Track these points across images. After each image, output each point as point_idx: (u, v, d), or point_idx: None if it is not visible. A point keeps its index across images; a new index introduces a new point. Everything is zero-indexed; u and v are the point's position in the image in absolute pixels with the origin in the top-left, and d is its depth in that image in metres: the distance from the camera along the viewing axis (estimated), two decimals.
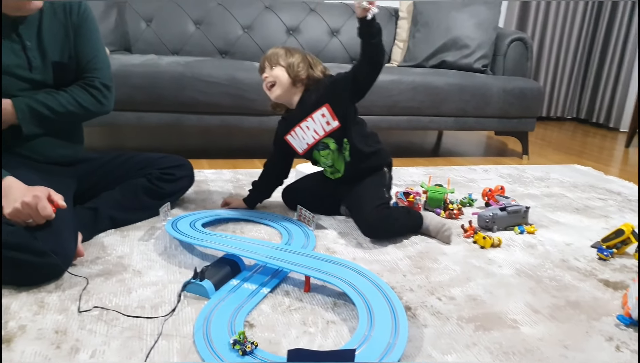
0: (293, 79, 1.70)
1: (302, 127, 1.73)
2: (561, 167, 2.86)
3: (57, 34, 1.46)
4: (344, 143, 1.73)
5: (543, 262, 1.57)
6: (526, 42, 3.07)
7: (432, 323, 1.20)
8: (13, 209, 1.20)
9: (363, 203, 1.70)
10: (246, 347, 1.03)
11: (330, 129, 1.71)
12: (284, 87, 1.71)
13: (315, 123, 1.71)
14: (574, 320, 1.25)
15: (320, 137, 1.73)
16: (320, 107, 1.69)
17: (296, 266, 1.32)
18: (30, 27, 1.41)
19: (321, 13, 3.22)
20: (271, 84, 1.71)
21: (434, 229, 1.71)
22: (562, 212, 2.06)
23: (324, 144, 1.74)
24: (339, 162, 1.77)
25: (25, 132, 1.43)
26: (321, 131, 1.72)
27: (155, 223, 1.68)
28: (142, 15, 2.93)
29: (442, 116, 2.83)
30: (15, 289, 1.23)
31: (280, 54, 1.71)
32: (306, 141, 1.75)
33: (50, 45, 1.45)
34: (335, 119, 1.69)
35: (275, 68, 1.70)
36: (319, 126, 1.71)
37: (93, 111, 1.55)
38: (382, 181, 1.78)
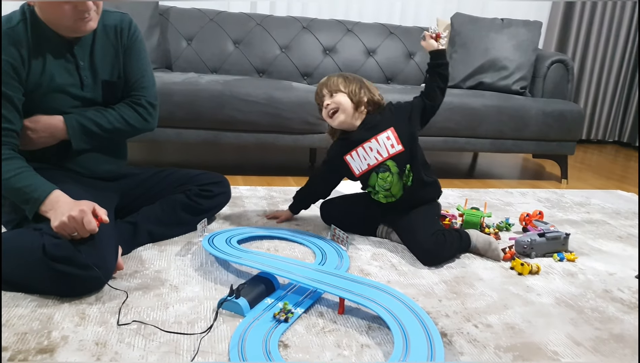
0: (356, 104, 1.74)
1: (364, 148, 1.74)
2: (602, 192, 2.79)
3: (108, 53, 1.52)
4: (407, 168, 1.74)
5: (584, 292, 1.53)
6: (567, 64, 3.03)
7: (469, 351, 1.18)
8: (60, 223, 1.24)
9: (418, 230, 1.70)
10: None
11: (395, 152, 1.72)
12: (348, 112, 1.73)
13: (380, 145, 1.73)
14: (617, 354, 1.21)
15: (383, 159, 1.73)
16: (385, 130, 1.72)
17: (331, 287, 1.32)
18: (83, 47, 1.47)
19: (358, 33, 3.24)
20: (333, 111, 1.73)
21: (482, 248, 1.72)
22: (604, 240, 2.00)
23: (386, 167, 1.74)
24: (397, 186, 1.76)
25: (74, 147, 1.48)
26: (385, 153, 1.73)
27: (192, 239, 1.71)
28: (183, 34, 3.00)
29: (478, 138, 2.80)
30: (58, 300, 1.26)
31: (339, 81, 1.75)
32: (367, 161, 1.75)
33: (101, 64, 1.50)
34: (399, 143, 1.72)
35: (337, 95, 1.74)
36: (383, 148, 1.73)
37: (139, 128, 1.60)
38: (434, 211, 1.82)
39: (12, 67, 1.33)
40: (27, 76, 1.37)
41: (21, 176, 1.31)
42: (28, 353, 1.05)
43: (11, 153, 1.34)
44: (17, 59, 1.34)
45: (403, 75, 3.28)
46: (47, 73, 1.40)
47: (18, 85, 1.35)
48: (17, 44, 1.34)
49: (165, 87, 2.34)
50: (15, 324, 1.15)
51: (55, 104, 1.44)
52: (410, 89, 2.78)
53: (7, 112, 1.34)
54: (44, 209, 1.29)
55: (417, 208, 1.77)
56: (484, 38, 3.03)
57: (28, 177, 1.32)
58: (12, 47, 1.33)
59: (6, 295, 1.27)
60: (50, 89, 1.41)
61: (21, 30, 1.36)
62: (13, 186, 1.31)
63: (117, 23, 1.52)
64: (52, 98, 1.43)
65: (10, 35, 1.34)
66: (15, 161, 1.34)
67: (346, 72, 1.85)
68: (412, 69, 3.29)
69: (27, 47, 1.36)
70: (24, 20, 1.36)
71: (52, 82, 1.41)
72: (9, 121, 1.34)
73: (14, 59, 1.34)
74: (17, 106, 1.36)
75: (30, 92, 1.39)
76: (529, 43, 3.03)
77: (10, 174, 1.31)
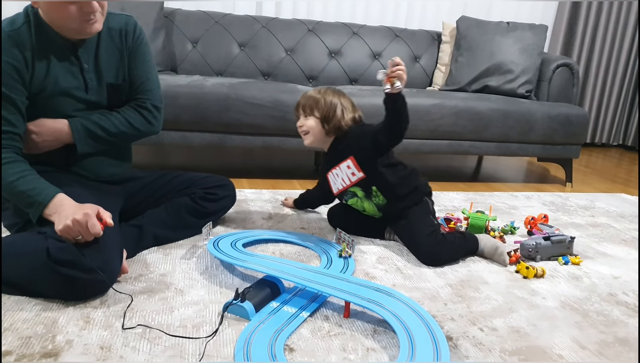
0: (326, 131, 1.78)
1: (333, 173, 1.82)
2: (607, 196, 2.78)
3: (113, 56, 1.52)
4: (373, 190, 1.77)
5: (589, 295, 1.52)
6: (572, 68, 3.03)
7: (474, 354, 1.17)
8: (64, 226, 1.24)
9: (414, 232, 1.73)
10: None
11: (356, 179, 1.76)
12: (317, 137, 1.80)
13: (342, 173, 1.79)
14: (623, 357, 1.20)
15: (346, 186, 1.80)
16: (345, 159, 1.76)
17: (336, 290, 1.32)
18: (88, 50, 1.47)
19: (363, 36, 3.24)
20: (305, 132, 1.80)
21: (488, 252, 1.73)
22: (609, 243, 2.00)
23: (352, 193, 1.81)
24: (371, 207, 1.81)
25: (79, 151, 1.48)
26: (347, 181, 1.78)
27: (197, 242, 1.71)
28: (188, 37, 3.00)
29: (484, 141, 2.79)
30: (63, 304, 1.26)
31: (315, 103, 1.77)
32: (336, 186, 1.83)
33: (106, 67, 1.51)
34: (360, 171, 1.75)
35: (309, 118, 1.78)
36: (345, 176, 1.78)
37: (143, 132, 1.60)
38: (426, 210, 1.81)
39: (15, 70, 1.33)
40: (31, 78, 1.37)
41: (25, 180, 1.31)
42: (32, 358, 1.05)
43: (14, 156, 1.34)
44: (20, 62, 1.33)
45: (409, 78, 3.18)
46: (51, 76, 1.40)
47: (21, 88, 1.35)
48: (21, 46, 1.34)
49: (171, 90, 2.34)
50: (19, 328, 1.15)
51: (60, 107, 1.44)
52: (415, 92, 2.78)
53: (9, 115, 1.33)
54: (47, 213, 1.29)
55: (408, 213, 1.77)
56: (489, 41, 3.03)
57: (31, 180, 1.32)
58: (15, 50, 1.33)
59: (10, 298, 1.27)
60: (54, 92, 1.41)
61: (25, 33, 1.35)
62: (16, 189, 1.31)
63: (122, 26, 1.52)
64: (57, 101, 1.42)
65: (14, 37, 1.33)
66: (18, 164, 1.33)
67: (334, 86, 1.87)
68: (418, 72, 3.29)
69: (31, 49, 1.35)
70: (28, 23, 1.36)
71: (57, 86, 1.41)
72: (11, 124, 1.34)
73: (18, 61, 1.33)
74: (20, 108, 1.35)
75: (34, 95, 1.38)
76: (535, 47, 3.02)
77: (13, 177, 1.31)
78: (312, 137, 1.79)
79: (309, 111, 1.78)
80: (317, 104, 1.77)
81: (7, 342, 1.10)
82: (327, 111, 1.76)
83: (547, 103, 2.93)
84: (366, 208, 1.81)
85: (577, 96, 3.10)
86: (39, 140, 1.43)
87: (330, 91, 1.81)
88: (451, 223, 1.92)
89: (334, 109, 1.76)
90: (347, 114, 1.78)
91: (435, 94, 2.78)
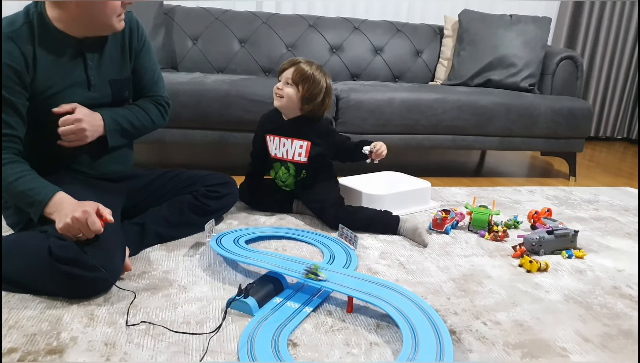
0: (299, 108, 1.89)
1: (279, 140, 1.93)
2: (611, 189, 2.77)
3: (117, 52, 1.52)
4: (302, 173, 1.95)
5: (593, 288, 1.52)
6: (576, 61, 3.01)
7: (478, 348, 1.17)
8: (64, 224, 1.24)
9: (322, 199, 1.89)
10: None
11: (298, 161, 1.94)
12: (287, 107, 1.90)
13: (292, 148, 1.92)
14: (627, 350, 1.20)
15: (285, 159, 1.95)
16: (303, 139, 1.90)
17: (339, 286, 1.32)
18: (93, 47, 1.46)
19: (365, 31, 3.23)
20: (280, 96, 1.88)
21: (408, 231, 1.84)
22: (613, 237, 1.99)
23: (287, 166, 1.96)
24: (291, 181, 1.98)
25: (110, 144, 1.51)
26: (290, 156, 1.94)
27: (200, 239, 1.71)
28: (188, 34, 3.00)
29: (487, 136, 2.78)
30: (67, 301, 1.26)
31: (305, 79, 1.85)
32: (276, 152, 1.96)
33: (110, 63, 1.51)
34: (306, 156, 1.91)
35: (291, 88, 1.85)
36: (292, 151, 1.93)
37: (158, 126, 1.67)
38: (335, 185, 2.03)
39: (14, 72, 1.31)
40: (33, 79, 1.35)
41: (24, 180, 1.31)
42: (37, 355, 1.06)
43: (13, 157, 1.33)
44: (20, 63, 1.32)
45: (411, 73, 3.27)
46: (55, 75, 1.39)
47: (21, 90, 1.33)
48: (22, 47, 1.32)
49: (171, 88, 2.32)
50: (24, 325, 1.16)
51: (62, 103, 1.42)
52: (418, 87, 2.77)
53: (8, 117, 1.32)
54: (48, 212, 1.29)
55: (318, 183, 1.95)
56: (492, 35, 3.02)
57: (30, 180, 1.32)
58: (15, 51, 1.31)
59: (15, 296, 1.27)
60: (58, 91, 1.41)
61: (25, 33, 1.34)
62: (16, 189, 1.31)
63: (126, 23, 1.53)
64: (60, 99, 1.41)
65: (14, 38, 1.31)
66: (17, 164, 1.33)
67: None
68: (420, 67, 3.28)
69: (32, 50, 1.34)
70: (29, 23, 1.35)
71: (61, 84, 1.41)
72: (10, 126, 1.33)
73: (17, 63, 1.31)
74: (19, 111, 1.34)
75: (38, 95, 1.37)
76: (538, 40, 3.01)
77: (12, 178, 1.30)
78: (284, 104, 1.88)
79: (295, 82, 1.85)
80: (306, 80, 1.85)
81: (12, 339, 1.10)
82: (312, 92, 1.86)
83: (550, 97, 2.92)
84: (288, 182, 1.98)
85: (581, 89, 3.09)
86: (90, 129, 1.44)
87: (320, 70, 1.89)
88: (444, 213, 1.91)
89: (317, 93, 1.86)
90: (327, 101, 1.91)
91: (437, 89, 2.77)
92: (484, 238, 1.88)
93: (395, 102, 2.60)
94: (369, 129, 2.61)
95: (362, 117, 2.57)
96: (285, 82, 1.86)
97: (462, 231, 1.94)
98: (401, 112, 2.61)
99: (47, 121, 1.41)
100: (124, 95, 1.58)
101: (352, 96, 2.57)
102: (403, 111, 2.61)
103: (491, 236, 1.87)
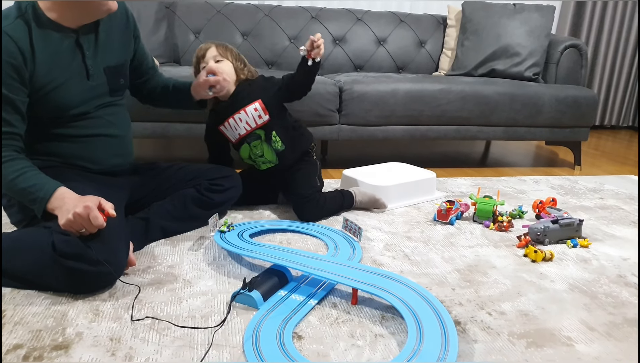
0: (238, 75, 1.89)
1: (235, 118, 1.88)
2: (616, 178, 2.76)
3: (110, 41, 1.52)
4: (273, 135, 1.90)
5: (598, 277, 1.51)
6: (581, 49, 2.99)
7: (483, 338, 1.17)
8: (66, 220, 1.25)
9: (299, 188, 1.89)
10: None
11: (262, 122, 1.88)
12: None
13: (248, 116, 1.87)
14: (632, 338, 1.20)
15: (252, 129, 1.89)
16: (252, 102, 1.86)
17: (343, 278, 1.32)
18: (89, 36, 1.46)
19: (368, 22, 3.22)
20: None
21: (367, 203, 1.98)
22: (618, 225, 1.98)
23: (256, 135, 1.90)
24: (269, 152, 1.92)
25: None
26: (253, 124, 1.88)
27: (204, 233, 1.71)
28: (190, 28, 2.99)
29: (491, 126, 2.77)
30: (72, 297, 1.27)
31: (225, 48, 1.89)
32: (238, 131, 1.90)
33: (107, 51, 1.51)
34: (266, 113, 1.87)
35: (223, 62, 1.87)
36: (251, 119, 1.87)
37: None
38: (314, 171, 2.00)
39: (12, 68, 1.29)
40: (32, 74, 1.33)
41: (25, 176, 1.31)
42: (43, 350, 1.06)
43: (13, 154, 1.33)
44: (17, 58, 1.29)
45: (414, 64, 3.25)
46: (54, 68, 1.38)
47: (20, 86, 1.31)
48: (18, 41, 1.29)
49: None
50: (29, 321, 1.16)
51: (64, 97, 1.42)
52: (421, 78, 2.75)
53: (7, 115, 1.31)
54: (50, 207, 1.29)
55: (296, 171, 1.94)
56: (495, 24, 3.00)
57: (32, 177, 1.32)
58: (11, 46, 1.28)
59: (20, 293, 1.28)
60: (59, 83, 1.39)
61: (20, 27, 1.30)
62: (17, 187, 1.31)
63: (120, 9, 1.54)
64: (61, 91, 1.41)
65: (9, 33, 1.28)
66: (18, 161, 1.33)
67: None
68: (424, 57, 3.26)
69: (29, 43, 1.31)
70: (22, 16, 1.32)
71: (61, 77, 1.40)
72: (10, 124, 1.32)
73: (14, 58, 1.28)
74: (19, 108, 1.33)
75: (39, 90, 1.36)
76: (542, 28, 2.98)
77: (13, 175, 1.30)
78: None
79: (222, 54, 1.87)
80: (228, 49, 1.89)
81: (17, 335, 1.11)
82: (238, 55, 1.91)
83: (555, 86, 2.90)
84: (265, 152, 1.91)
85: (585, 77, 3.06)
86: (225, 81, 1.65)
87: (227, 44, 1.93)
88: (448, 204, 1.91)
89: (238, 54, 1.92)
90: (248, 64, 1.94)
91: (441, 79, 2.76)
92: (489, 228, 1.88)
93: (399, 94, 2.59)
94: (373, 121, 2.60)
95: (365, 108, 2.57)
96: (215, 62, 1.85)
97: (467, 222, 1.93)
98: (405, 103, 2.60)
99: (48, 116, 1.41)
100: (120, 83, 1.58)
101: (356, 87, 2.56)
102: (407, 102, 2.60)
103: (496, 226, 1.87)
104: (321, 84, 2.51)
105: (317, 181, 2.01)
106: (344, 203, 1.96)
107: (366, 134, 2.64)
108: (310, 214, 1.86)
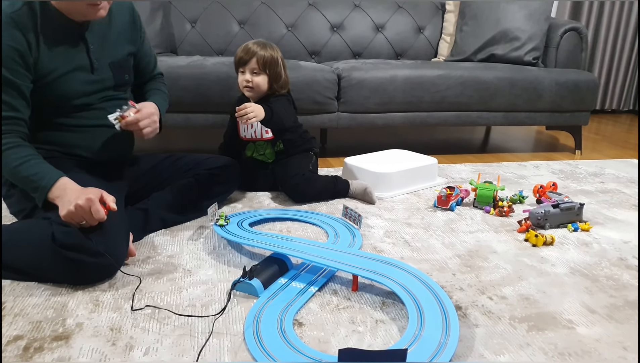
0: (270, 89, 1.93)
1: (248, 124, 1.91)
2: (617, 162, 2.75)
3: (116, 37, 1.52)
4: (277, 143, 2.02)
5: (599, 261, 1.51)
6: (581, 32, 2.96)
7: (484, 322, 1.17)
8: (67, 212, 1.24)
9: (290, 172, 1.94)
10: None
11: (267, 137, 2.01)
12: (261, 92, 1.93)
13: (258, 127, 1.98)
14: (633, 320, 1.19)
15: (254, 139, 2.03)
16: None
17: (344, 265, 1.31)
18: (94, 31, 1.46)
19: (365, 8, 3.19)
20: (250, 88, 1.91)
21: (358, 194, 1.98)
22: (619, 209, 1.98)
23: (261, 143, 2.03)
24: (270, 152, 2.04)
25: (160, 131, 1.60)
26: (258, 135, 2.01)
27: (203, 223, 1.71)
28: (186, 17, 2.97)
29: (491, 111, 2.76)
30: (72, 288, 1.27)
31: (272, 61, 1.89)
32: (245, 134, 2.03)
33: (112, 46, 1.51)
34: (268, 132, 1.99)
35: (260, 76, 1.90)
36: (259, 131, 2.00)
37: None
38: (308, 160, 2.04)
39: (17, 53, 1.29)
40: (37, 61, 1.34)
41: (28, 164, 1.31)
42: (44, 341, 1.06)
43: (18, 141, 1.33)
44: (22, 44, 1.30)
45: (413, 50, 3.23)
46: (58, 58, 1.38)
47: (24, 71, 1.32)
48: (23, 28, 1.30)
49: (171, 72, 2.32)
50: (29, 313, 1.16)
51: (67, 89, 1.42)
52: (420, 64, 2.74)
53: (12, 99, 1.32)
54: (52, 197, 1.29)
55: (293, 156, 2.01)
56: (494, 9, 2.97)
57: (35, 165, 1.32)
58: (17, 32, 1.29)
59: (20, 284, 1.28)
60: (61, 74, 1.39)
61: (26, 14, 1.31)
62: (20, 174, 1.31)
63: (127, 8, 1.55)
64: (64, 83, 1.40)
65: (15, 19, 1.29)
66: (22, 148, 1.33)
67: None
68: (422, 43, 3.24)
69: (34, 31, 1.32)
70: (29, 4, 1.32)
71: (64, 67, 1.39)
72: (15, 109, 1.33)
73: (20, 44, 1.29)
74: (23, 93, 1.33)
75: (41, 78, 1.36)
76: (541, 12, 2.96)
77: (17, 162, 1.30)
78: (256, 93, 1.92)
79: (262, 69, 1.88)
80: (270, 64, 1.89)
81: (18, 326, 1.11)
82: (277, 71, 1.92)
83: (555, 70, 2.88)
84: (266, 153, 2.04)
85: (585, 61, 3.04)
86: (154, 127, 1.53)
87: (272, 47, 1.93)
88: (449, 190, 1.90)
89: (280, 70, 1.93)
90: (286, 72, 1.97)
91: (440, 65, 2.74)
92: (489, 213, 1.87)
93: (398, 80, 2.58)
94: (372, 108, 2.59)
95: (364, 96, 2.55)
96: (251, 73, 1.89)
97: (467, 208, 1.93)
98: (404, 89, 2.59)
99: (50, 105, 1.40)
100: (125, 78, 1.57)
101: (354, 74, 2.54)
102: (406, 88, 2.59)
103: (496, 211, 1.86)
104: (319, 72, 2.50)
105: (309, 168, 2.03)
106: (337, 186, 1.98)
107: (366, 122, 2.63)
108: (303, 194, 1.91)
